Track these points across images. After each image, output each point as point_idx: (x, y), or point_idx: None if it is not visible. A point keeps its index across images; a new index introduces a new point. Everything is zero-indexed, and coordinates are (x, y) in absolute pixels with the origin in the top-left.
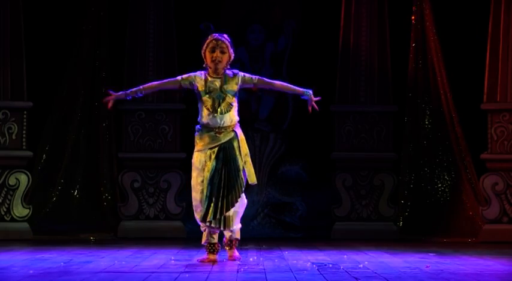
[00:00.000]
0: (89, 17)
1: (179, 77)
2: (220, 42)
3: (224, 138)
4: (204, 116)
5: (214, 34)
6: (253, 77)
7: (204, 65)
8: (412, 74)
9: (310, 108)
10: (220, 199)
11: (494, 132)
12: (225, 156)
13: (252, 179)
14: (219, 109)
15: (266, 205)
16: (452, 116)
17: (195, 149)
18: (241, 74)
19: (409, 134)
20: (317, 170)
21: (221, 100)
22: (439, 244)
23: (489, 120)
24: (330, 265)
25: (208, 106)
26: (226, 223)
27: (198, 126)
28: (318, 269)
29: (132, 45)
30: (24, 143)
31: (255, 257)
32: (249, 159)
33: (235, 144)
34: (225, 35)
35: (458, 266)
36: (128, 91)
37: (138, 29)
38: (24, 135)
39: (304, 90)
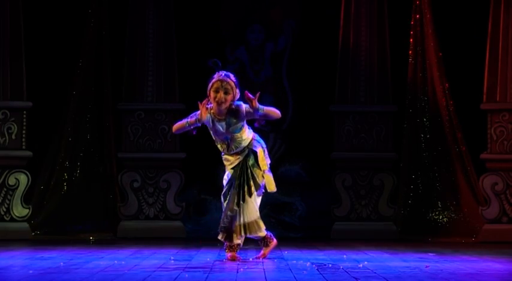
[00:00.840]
0: (89, 18)
1: (193, 116)
2: (225, 83)
3: (242, 156)
4: (219, 149)
5: (220, 73)
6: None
7: (209, 103)
8: (411, 73)
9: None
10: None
11: (494, 132)
12: (241, 168)
13: (271, 187)
14: (230, 148)
15: (266, 204)
16: (451, 116)
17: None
18: (243, 107)
19: (409, 134)
20: (317, 170)
21: (229, 141)
22: (438, 244)
23: (489, 120)
24: (330, 265)
25: (219, 146)
26: (243, 230)
27: (222, 154)
28: (317, 269)
29: (132, 45)
30: (23, 143)
31: (255, 257)
32: (267, 168)
33: (250, 158)
34: (231, 75)
35: (458, 266)
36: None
37: (138, 29)
38: (23, 135)
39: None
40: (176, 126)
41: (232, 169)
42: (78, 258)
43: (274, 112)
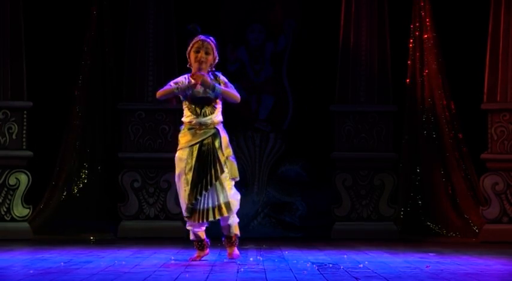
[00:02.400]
0: (90, 17)
1: (173, 85)
2: (206, 43)
3: (204, 135)
4: (188, 116)
5: (200, 35)
6: (227, 83)
7: (188, 65)
8: (411, 73)
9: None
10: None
11: (495, 132)
12: (204, 152)
13: (234, 174)
14: (202, 112)
15: (266, 204)
16: (452, 115)
17: (178, 147)
18: (222, 77)
19: (409, 134)
20: (317, 170)
21: (205, 104)
22: (439, 244)
23: (489, 120)
24: (330, 265)
25: (192, 110)
26: (206, 215)
27: (181, 126)
28: (318, 269)
29: (133, 45)
30: (24, 143)
31: (255, 257)
32: (231, 154)
33: (217, 140)
34: (211, 38)
35: (459, 266)
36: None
37: (139, 29)
38: (24, 135)
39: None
40: (162, 92)
41: (189, 146)
42: (78, 258)
43: (232, 94)
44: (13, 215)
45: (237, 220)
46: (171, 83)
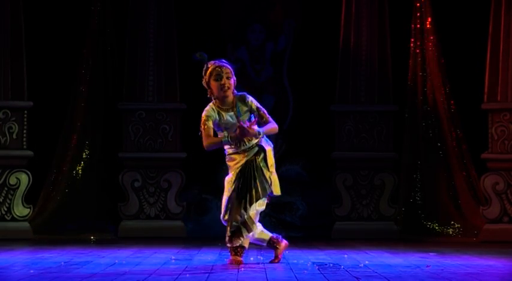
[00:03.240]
0: (90, 18)
1: (208, 123)
2: (224, 68)
3: (250, 155)
4: (230, 148)
5: (214, 61)
6: (260, 109)
7: (209, 96)
8: (412, 73)
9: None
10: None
11: (495, 132)
12: (245, 170)
13: (277, 190)
14: (241, 143)
15: (267, 204)
16: (452, 115)
17: (229, 171)
18: (250, 99)
19: (409, 134)
20: (317, 170)
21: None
22: (439, 244)
23: (490, 120)
24: (331, 265)
25: (233, 145)
26: (238, 232)
27: (226, 152)
28: (318, 269)
29: (133, 45)
30: (24, 143)
31: (256, 257)
32: (273, 170)
33: (261, 156)
34: (224, 61)
35: (459, 265)
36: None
37: (139, 29)
38: (24, 135)
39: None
40: (210, 143)
41: (237, 168)
42: (78, 258)
43: (273, 129)
44: (13, 214)
45: (251, 235)
46: (204, 117)
